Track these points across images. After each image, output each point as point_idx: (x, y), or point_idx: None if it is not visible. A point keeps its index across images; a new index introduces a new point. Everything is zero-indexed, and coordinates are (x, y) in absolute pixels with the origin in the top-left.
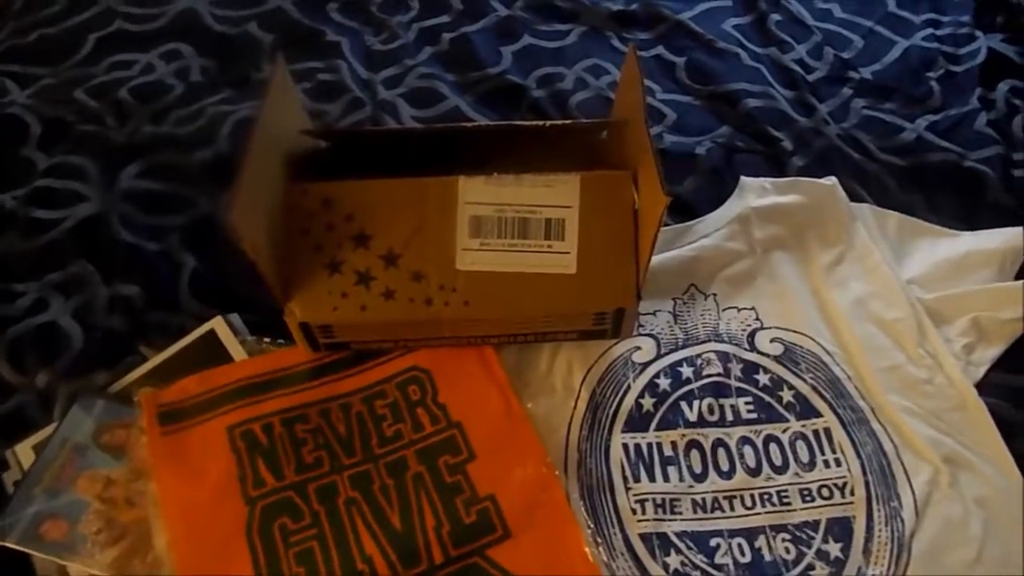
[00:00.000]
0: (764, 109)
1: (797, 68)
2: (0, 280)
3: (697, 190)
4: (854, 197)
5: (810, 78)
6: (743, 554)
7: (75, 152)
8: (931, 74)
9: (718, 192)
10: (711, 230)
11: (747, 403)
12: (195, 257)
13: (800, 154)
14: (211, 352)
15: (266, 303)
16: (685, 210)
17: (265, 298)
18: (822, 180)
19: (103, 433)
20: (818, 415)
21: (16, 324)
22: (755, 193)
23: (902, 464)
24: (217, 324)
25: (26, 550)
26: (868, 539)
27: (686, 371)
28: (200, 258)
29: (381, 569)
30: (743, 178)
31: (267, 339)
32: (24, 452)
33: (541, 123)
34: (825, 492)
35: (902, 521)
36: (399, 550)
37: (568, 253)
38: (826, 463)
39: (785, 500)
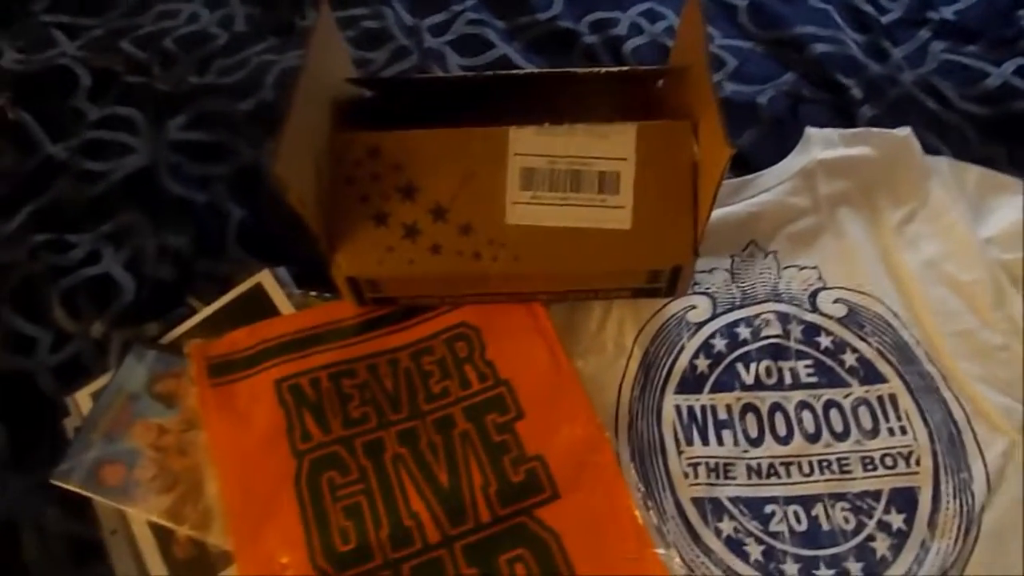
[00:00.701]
0: (832, 55)
1: (870, 9)
2: (54, 230)
3: (758, 142)
4: (930, 150)
5: (884, 20)
6: (799, 522)
7: (123, 103)
8: (1022, 12)
9: (781, 144)
10: (773, 184)
11: (807, 366)
12: (242, 207)
13: (871, 103)
14: (258, 305)
15: (313, 255)
16: (745, 163)
17: (312, 250)
18: (895, 131)
19: (155, 383)
20: (883, 380)
21: (70, 274)
22: (821, 145)
23: (974, 434)
24: (264, 277)
25: (87, 493)
26: (934, 511)
27: (743, 332)
28: (247, 208)
29: (428, 525)
30: (808, 129)
31: (314, 292)
32: (83, 399)
33: (595, 70)
34: (889, 461)
35: (972, 494)
36: (446, 507)
37: (623, 208)
38: (891, 431)
39: (846, 468)
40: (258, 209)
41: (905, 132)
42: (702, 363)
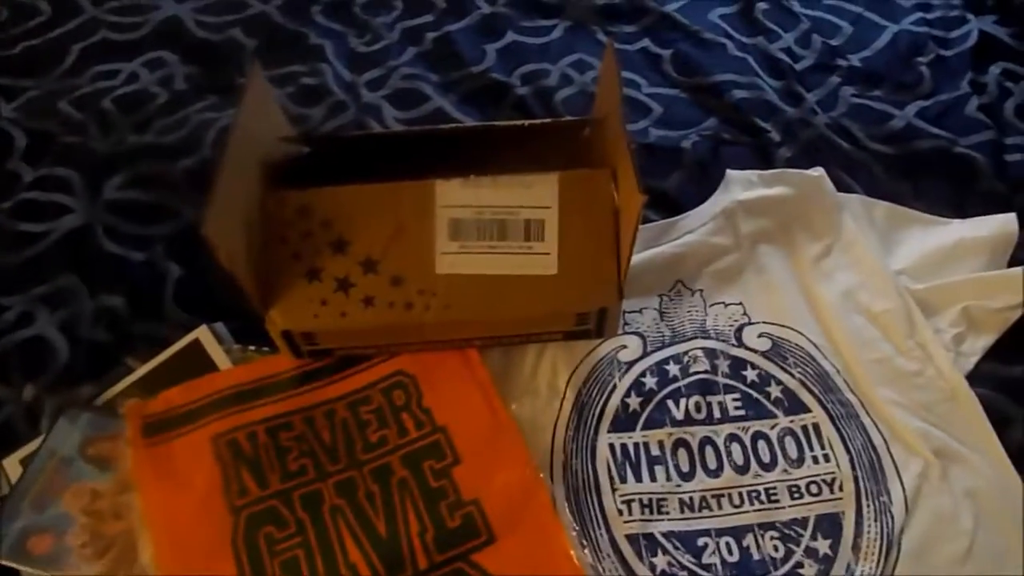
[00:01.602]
0: (751, 100)
1: (784, 57)
2: None
3: (683, 184)
4: (842, 187)
5: (798, 67)
6: (731, 553)
7: (60, 164)
8: (921, 59)
9: (704, 186)
10: (697, 225)
11: (735, 400)
12: (180, 266)
13: (787, 145)
14: (196, 361)
15: (250, 311)
16: (671, 205)
17: (248, 306)
18: (809, 171)
19: (89, 446)
20: (807, 410)
21: (2, 338)
22: (741, 186)
23: (892, 458)
24: (201, 333)
25: (14, 564)
26: (857, 535)
27: (673, 369)
28: (185, 267)
29: None
30: (729, 171)
31: (252, 347)
32: (11, 466)
33: (520, 123)
34: (814, 488)
35: (891, 516)
36: (383, 556)
37: (548, 254)
38: (815, 459)
39: (774, 498)
40: (196, 268)
41: (818, 172)
42: (634, 401)
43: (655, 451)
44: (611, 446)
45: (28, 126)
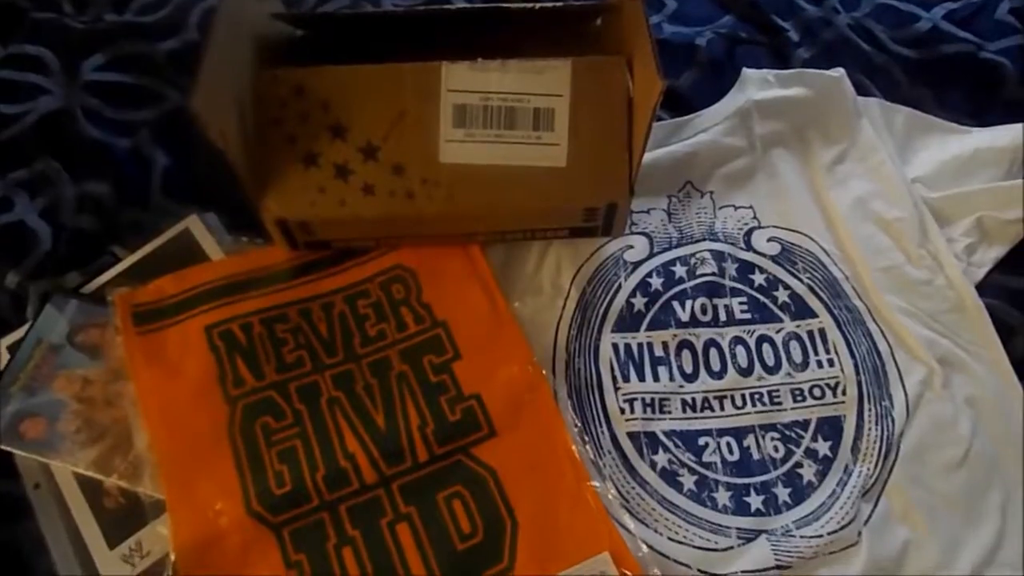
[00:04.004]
0: None
1: None
2: None
3: (696, 83)
4: (862, 91)
5: None
6: (731, 452)
7: (32, 41)
8: None
9: (718, 86)
10: (709, 125)
11: (741, 303)
12: (167, 153)
13: (806, 45)
14: (187, 251)
15: (242, 201)
16: (683, 104)
17: (241, 195)
18: (828, 72)
19: (77, 333)
20: (813, 315)
21: None
22: (757, 86)
23: (896, 364)
24: (192, 223)
25: (7, 447)
26: (857, 438)
27: (679, 270)
28: (172, 154)
29: (364, 466)
30: (745, 70)
31: (244, 238)
32: None
33: (529, 5)
34: (817, 392)
35: (892, 420)
36: (382, 448)
37: (558, 145)
38: (819, 363)
39: (776, 400)
40: (185, 155)
41: (838, 73)
42: (639, 301)
43: (659, 352)
44: (614, 345)
45: None
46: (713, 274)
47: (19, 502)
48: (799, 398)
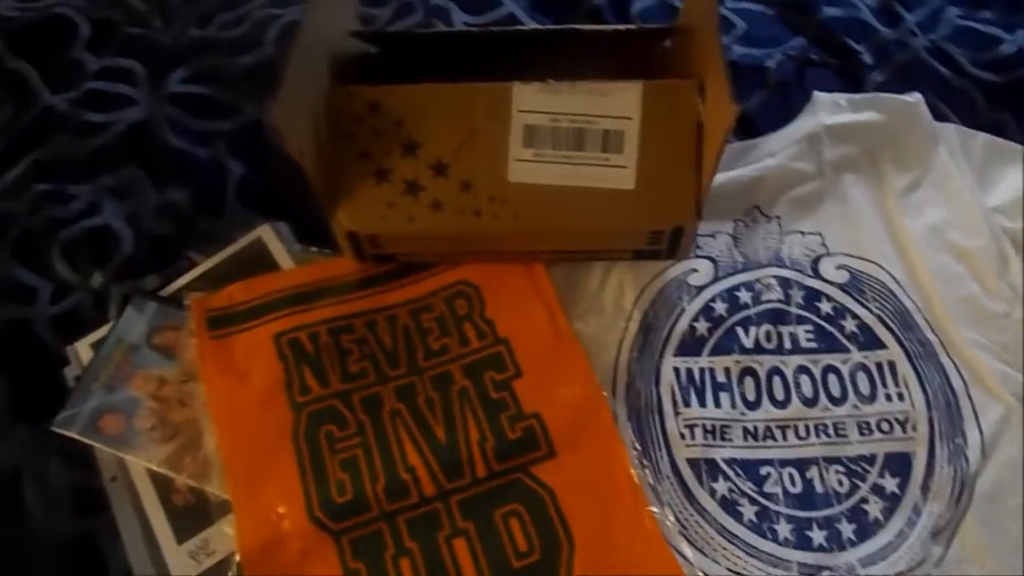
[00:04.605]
0: (843, 19)
1: None
2: (55, 181)
3: (763, 105)
4: (938, 116)
5: None
6: (793, 484)
7: (123, 54)
8: None
9: (786, 108)
10: (777, 149)
11: (807, 331)
12: (242, 164)
13: (880, 69)
14: (258, 259)
15: (313, 212)
16: (750, 127)
17: (312, 206)
18: (904, 96)
19: (155, 334)
20: (882, 346)
21: (70, 225)
22: (828, 110)
23: (971, 401)
24: (264, 232)
25: (88, 441)
26: (928, 476)
27: (744, 296)
28: (247, 165)
29: (424, 479)
30: (816, 93)
31: (314, 248)
32: (83, 349)
33: (600, 28)
34: (885, 426)
35: (966, 459)
36: (442, 462)
37: (626, 167)
38: (888, 396)
39: (841, 432)
40: (259, 166)
41: (915, 98)
42: (702, 326)
43: (721, 378)
44: (676, 370)
45: (91, 14)
46: (779, 301)
47: (97, 495)
48: (866, 431)
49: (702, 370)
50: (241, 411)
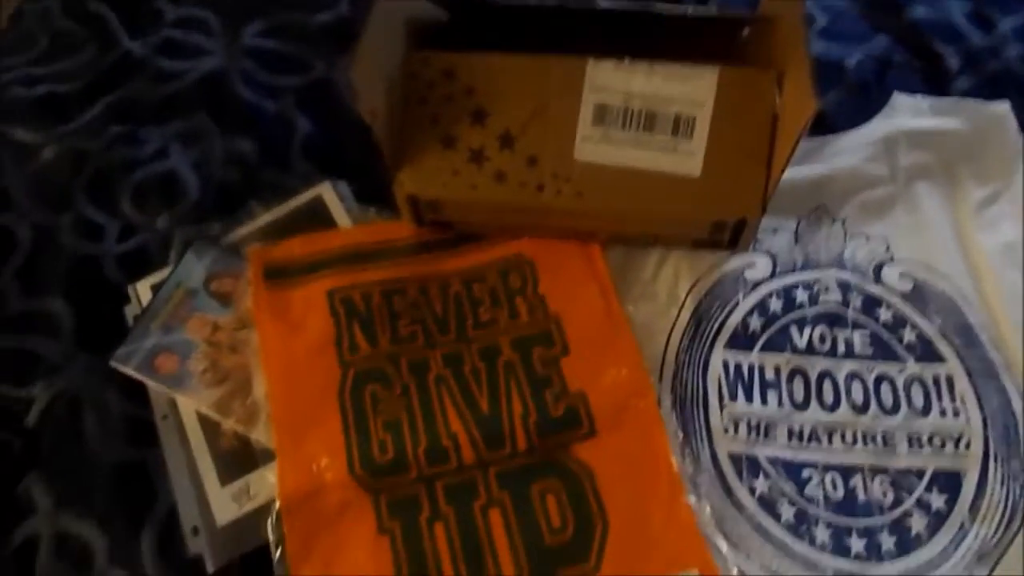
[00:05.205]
0: (932, 20)
1: None
2: (128, 124)
3: (841, 104)
4: None
5: None
6: (835, 489)
7: (200, 5)
8: None
9: (863, 108)
10: (851, 148)
11: (863, 337)
12: (309, 120)
13: (967, 75)
14: (317, 216)
15: (375, 173)
16: (823, 124)
17: (374, 168)
18: (992, 104)
19: (213, 280)
20: (941, 360)
21: (140, 168)
22: (908, 113)
23: None
24: (324, 190)
25: (142, 378)
26: (978, 497)
27: (801, 295)
28: (314, 122)
29: (465, 447)
30: (896, 95)
31: (372, 209)
32: (143, 289)
33: (681, 10)
34: (936, 441)
35: (1021, 485)
36: (484, 431)
37: (695, 154)
38: (943, 412)
39: (890, 443)
40: (325, 124)
41: (1003, 107)
42: (755, 322)
43: (770, 375)
44: (725, 363)
45: None
46: (837, 303)
47: (150, 427)
48: (916, 445)
49: (751, 366)
50: (292, 362)
